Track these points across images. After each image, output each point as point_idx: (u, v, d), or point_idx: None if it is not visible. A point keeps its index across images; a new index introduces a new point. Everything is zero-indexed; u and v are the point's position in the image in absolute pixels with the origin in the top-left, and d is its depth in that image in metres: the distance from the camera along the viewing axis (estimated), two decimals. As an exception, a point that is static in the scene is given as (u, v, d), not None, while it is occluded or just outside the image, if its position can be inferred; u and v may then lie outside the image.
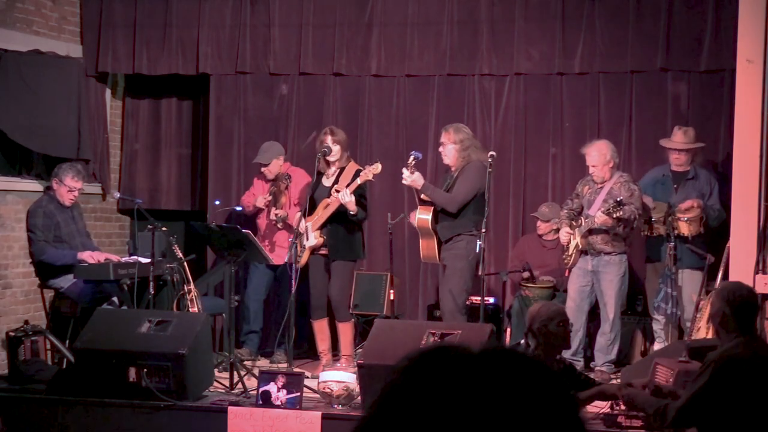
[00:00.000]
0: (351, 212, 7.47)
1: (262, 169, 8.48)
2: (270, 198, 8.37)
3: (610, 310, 7.66)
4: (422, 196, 7.53)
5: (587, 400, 4.96)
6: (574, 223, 7.81)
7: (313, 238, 7.60)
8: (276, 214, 8.33)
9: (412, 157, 7.47)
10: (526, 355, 1.27)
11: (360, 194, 7.54)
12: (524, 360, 1.26)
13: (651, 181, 8.06)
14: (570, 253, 7.81)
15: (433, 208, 7.54)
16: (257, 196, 8.50)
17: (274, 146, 8.53)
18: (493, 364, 1.24)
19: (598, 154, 7.71)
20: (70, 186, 8.05)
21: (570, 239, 7.80)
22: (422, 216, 7.55)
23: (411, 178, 7.40)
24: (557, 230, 8.35)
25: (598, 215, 7.56)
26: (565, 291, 8.02)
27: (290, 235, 8.24)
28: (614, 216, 7.44)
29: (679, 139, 7.94)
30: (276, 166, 8.43)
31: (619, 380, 6.95)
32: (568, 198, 8.09)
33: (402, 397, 1.23)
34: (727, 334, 4.51)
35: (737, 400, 4.31)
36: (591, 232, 7.69)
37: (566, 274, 8.04)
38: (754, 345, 4.46)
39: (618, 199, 7.45)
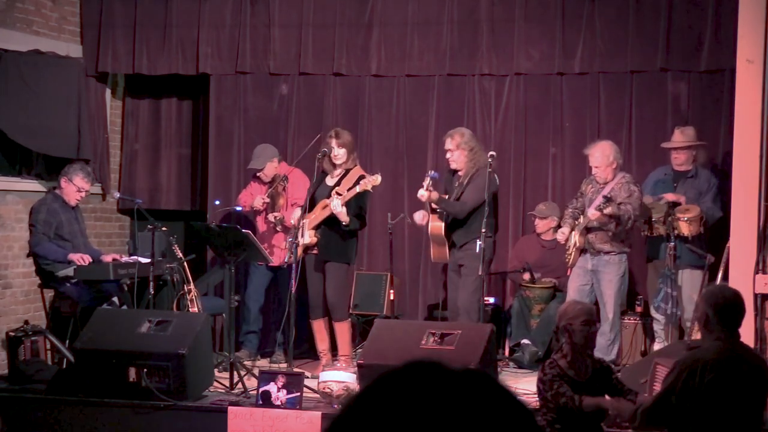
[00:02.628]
0: (343, 223, 7.47)
1: (258, 174, 8.46)
2: (268, 200, 8.36)
3: (609, 310, 7.66)
4: (434, 205, 7.55)
5: (587, 407, 4.99)
6: (577, 222, 7.82)
7: (308, 237, 7.58)
8: (275, 217, 8.31)
9: (428, 179, 7.47)
10: (496, 381, 1.28)
11: (359, 205, 7.53)
12: (494, 386, 1.27)
13: (653, 180, 8.07)
14: (570, 252, 7.82)
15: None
16: (254, 196, 8.49)
17: (267, 149, 8.50)
18: (464, 386, 1.25)
19: (601, 155, 7.72)
20: (79, 186, 8.07)
21: (567, 239, 7.80)
22: (436, 223, 7.59)
23: (426, 195, 7.42)
24: (557, 228, 8.36)
25: (590, 211, 7.60)
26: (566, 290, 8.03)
27: (288, 237, 8.25)
28: (603, 212, 7.46)
29: (676, 138, 7.97)
30: (271, 168, 8.42)
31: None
32: (573, 198, 8.10)
33: (371, 405, 1.25)
34: (710, 335, 4.54)
35: (704, 401, 4.33)
36: (589, 230, 7.70)
37: (568, 273, 8.05)
38: (729, 346, 4.45)
39: (607, 195, 7.48)
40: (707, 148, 8.23)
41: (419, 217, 7.72)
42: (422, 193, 7.46)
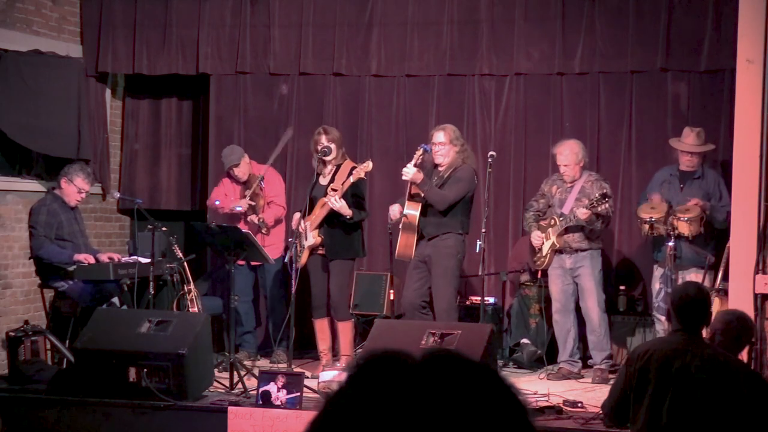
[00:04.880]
0: (346, 217, 7.46)
1: (235, 171, 8.44)
2: (252, 203, 8.36)
3: (593, 306, 7.67)
4: (412, 191, 7.50)
5: None
6: (543, 224, 7.82)
7: (311, 238, 7.59)
8: (259, 219, 8.30)
9: (421, 150, 7.44)
10: (470, 359, 1.28)
11: (354, 193, 7.53)
12: (468, 364, 1.26)
13: (658, 180, 8.01)
14: (544, 254, 7.81)
15: (420, 204, 7.51)
16: (228, 196, 8.49)
17: (236, 149, 8.55)
18: (436, 371, 1.25)
19: (570, 153, 7.76)
20: (79, 187, 8.06)
21: (543, 241, 7.80)
22: (410, 211, 7.51)
23: (413, 172, 7.35)
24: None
25: (581, 210, 7.55)
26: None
27: (264, 237, 8.26)
28: (598, 209, 7.47)
29: (691, 141, 7.81)
30: (246, 165, 8.44)
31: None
32: (532, 200, 8.08)
33: (346, 404, 1.24)
34: (671, 329, 4.59)
35: (655, 390, 4.32)
36: (567, 230, 7.71)
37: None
38: (683, 341, 4.39)
39: (603, 192, 7.49)
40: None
41: (395, 210, 7.58)
42: (409, 169, 7.32)
